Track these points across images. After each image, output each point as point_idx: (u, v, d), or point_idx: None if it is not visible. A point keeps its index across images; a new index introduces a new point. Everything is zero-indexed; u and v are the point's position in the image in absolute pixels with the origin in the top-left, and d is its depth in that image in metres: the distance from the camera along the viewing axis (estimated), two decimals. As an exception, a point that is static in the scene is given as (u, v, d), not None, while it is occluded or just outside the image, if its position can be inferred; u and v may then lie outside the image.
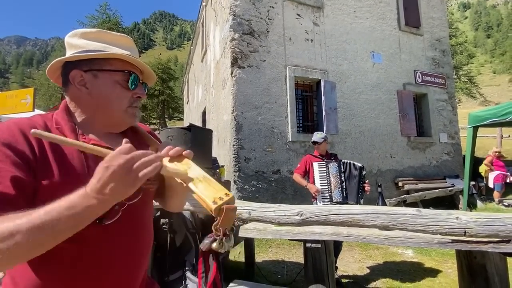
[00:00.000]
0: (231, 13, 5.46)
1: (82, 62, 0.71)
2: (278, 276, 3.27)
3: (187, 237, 1.86)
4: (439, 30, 8.04)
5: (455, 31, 23.06)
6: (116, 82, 0.72)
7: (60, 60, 0.72)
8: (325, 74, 6.11)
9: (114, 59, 0.72)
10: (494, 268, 1.65)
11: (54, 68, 0.74)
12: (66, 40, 0.74)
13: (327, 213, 1.32)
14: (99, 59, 0.71)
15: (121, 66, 0.73)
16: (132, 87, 0.74)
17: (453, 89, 8.12)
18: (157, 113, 31.92)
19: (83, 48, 0.71)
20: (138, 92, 0.76)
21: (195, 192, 0.62)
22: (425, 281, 3.10)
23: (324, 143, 3.22)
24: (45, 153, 0.62)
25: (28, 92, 4.27)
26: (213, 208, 0.58)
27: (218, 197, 0.59)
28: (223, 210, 0.58)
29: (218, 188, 0.62)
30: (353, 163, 3.04)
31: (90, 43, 0.72)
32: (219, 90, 6.55)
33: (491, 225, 1.09)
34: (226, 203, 0.59)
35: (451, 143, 7.58)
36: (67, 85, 0.73)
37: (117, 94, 0.72)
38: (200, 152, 2.84)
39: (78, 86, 0.71)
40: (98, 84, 0.71)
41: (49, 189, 0.60)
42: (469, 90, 23.72)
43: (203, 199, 0.60)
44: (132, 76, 0.74)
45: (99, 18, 24.11)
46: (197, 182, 0.63)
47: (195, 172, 0.66)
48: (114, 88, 0.72)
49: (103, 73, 0.71)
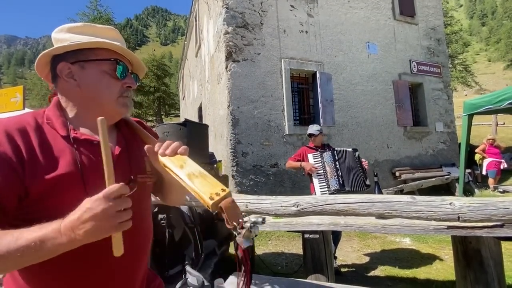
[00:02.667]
0: (224, 6, 5.38)
1: (68, 54, 0.70)
2: (278, 268, 3.31)
3: (185, 232, 1.87)
4: (434, 18, 8.00)
5: (450, 19, 22.95)
6: (104, 72, 0.71)
7: (47, 54, 0.71)
8: (321, 66, 6.08)
9: (100, 50, 0.72)
10: (489, 252, 1.69)
11: (42, 64, 0.74)
12: (53, 36, 0.74)
13: (323, 203, 1.33)
14: (85, 50, 0.71)
15: (108, 55, 0.72)
16: (121, 77, 0.73)
17: (448, 78, 8.13)
18: (153, 110, 31.69)
19: (69, 41, 0.71)
20: (128, 82, 0.75)
21: (192, 188, 0.62)
22: (423, 267, 3.16)
23: (320, 135, 3.27)
24: (34, 153, 0.61)
25: (18, 90, 4.22)
26: (210, 204, 0.58)
27: (214, 192, 0.60)
28: (222, 207, 0.58)
29: (215, 183, 0.62)
30: (345, 149, 3.09)
31: (76, 37, 0.71)
32: (214, 85, 6.50)
33: (484, 209, 1.10)
34: (223, 198, 0.59)
35: (447, 132, 7.64)
36: (56, 80, 0.72)
37: (105, 84, 0.71)
38: (197, 147, 2.84)
39: (66, 79, 0.70)
40: (85, 75, 0.70)
41: (41, 187, 0.59)
42: (465, 79, 23.77)
43: (200, 195, 0.60)
44: (119, 65, 0.73)
45: (90, 15, 23.66)
46: (193, 177, 0.63)
47: (191, 168, 0.66)
48: (102, 78, 0.71)
49: (90, 63, 0.71)
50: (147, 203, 0.84)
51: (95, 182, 0.65)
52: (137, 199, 0.75)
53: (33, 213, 0.60)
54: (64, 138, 0.66)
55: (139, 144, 0.80)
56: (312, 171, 3.02)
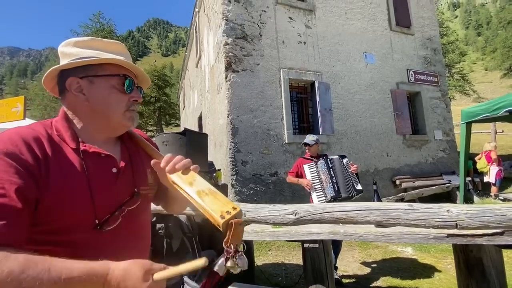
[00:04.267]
0: (224, 18, 5.51)
1: (77, 69, 0.72)
2: (279, 279, 3.25)
3: (183, 242, 1.85)
4: (430, 29, 8.16)
5: (446, 30, 23.40)
6: (112, 87, 0.73)
7: (56, 69, 0.73)
8: (319, 76, 6.16)
9: (108, 65, 0.74)
10: (490, 261, 1.67)
11: (50, 77, 0.75)
12: (60, 50, 0.75)
13: (321, 211, 1.33)
14: (94, 65, 0.72)
15: (116, 71, 0.74)
16: (128, 91, 0.75)
17: (445, 86, 8.22)
18: (154, 120, 31.85)
19: (77, 56, 0.72)
20: (135, 96, 0.77)
21: (202, 206, 0.61)
22: (425, 278, 3.10)
23: (315, 145, 3.29)
24: (48, 163, 0.62)
25: (19, 100, 4.26)
26: (221, 223, 0.56)
27: (225, 211, 0.58)
28: (232, 225, 0.56)
29: (225, 201, 0.61)
30: (334, 157, 3.13)
31: (83, 51, 0.73)
32: (214, 95, 6.57)
33: (481, 216, 1.10)
34: (234, 217, 0.58)
35: (446, 140, 7.65)
36: (64, 93, 0.74)
37: (114, 98, 0.73)
38: (196, 156, 2.84)
39: (75, 93, 0.72)
40: (94, 89, 0.72)
41: (52, 197, 0.61)
42: (463, 87, 24.01)
43: (210, 213, 0.59)
44: (127, 80, 0.75)
45: (92, 27, 24.17)
46: (204, 195, 0.62)
47: (201, 185, 0.65)
48: (110, 93, 0.73)
49: (98, 78, 0.72)
50: (147, 213, 0.86)
51: (101, 194, 0.67)
52: (139, 210, 0.76)
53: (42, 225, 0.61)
54: (73, 150, 0.68)
55: (141, 156, 0.82)
56: (309, 187, 3.04)
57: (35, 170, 0.60)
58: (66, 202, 0.62)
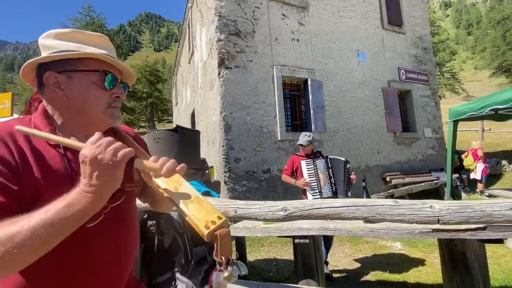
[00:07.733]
0: (217, 14, 5.46)
1: (55, 63, 0.69)
2: (270, 274, 3.30)
3: (175, 238, 1.86)
4: (421, 28, 8.28)
5: (437, 29, 23.75)
6: (91, 83, 0.70)
7: (32, 63, 0.70)
8: (312, 73, 6.19)
9: (89, 59, 0.70)
10: (474, 255, 1.73)
11: (28, 71, 0.72)
12: (40, 42, 0.72)
13: (309, 207, 1.36)
14: (73, 59, 0.69)
15: (96, 66, 0.71)
16: (109, 87, 0.72)
17: (435, 85, 8.38)
18: (146, 116, 31.45)
19: (57, 49, 0.70)
20: (117, 92, 0.74)
21: (187, 213, 0.59)
22: (413, 271, 3.20)
23: (310, 145, 3.24)
24: (26, 158, 0.61)
25: (6, 97, 4.15)
26: (205, 233, 0.55)
27: (210, 220, 0.57)
28: (217, 236, 0.55)
29: (210, 209, 0.59)
30: (338, 158, 3.12)
31: (64, 44, 0.70)
32: (207, 91, 6.53)
33: (462, 212, 1.15)
34: (220, 227, 0.56)
35: (435, 138, 7.83)
36: (42, 88, 0.70)
37: (93, 95, 0.70)
38: (188, 153, 2.84)
39: (52, 88, 0.69)
40: (73, 85, 0.69)
41: (34, 193, 0.60)
42: (453, 86, 24.51)
43: (195, 222, 0.57)
44: (108, 76, 0.72)
45: (82, 20, 23.55)
46: (189, 203, 0.61)
47: (186, 191, 0.63)
48: (90, 89, 0.70)
49: (77, 73, 0.69)
50: (134, 209, 0.85)
51: None
52: (124, 207, 0.76)
53: None
54: (53, 146, 0.66)
55: None
56: (306, 185, 3.03)
57: (14, 166, 0.58)
58: (47, 198, 0.60)
